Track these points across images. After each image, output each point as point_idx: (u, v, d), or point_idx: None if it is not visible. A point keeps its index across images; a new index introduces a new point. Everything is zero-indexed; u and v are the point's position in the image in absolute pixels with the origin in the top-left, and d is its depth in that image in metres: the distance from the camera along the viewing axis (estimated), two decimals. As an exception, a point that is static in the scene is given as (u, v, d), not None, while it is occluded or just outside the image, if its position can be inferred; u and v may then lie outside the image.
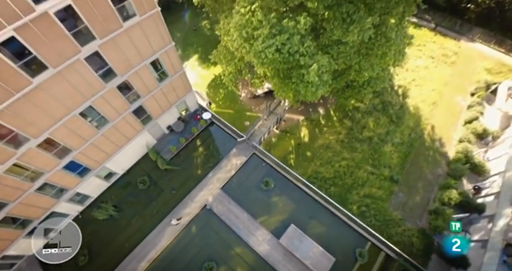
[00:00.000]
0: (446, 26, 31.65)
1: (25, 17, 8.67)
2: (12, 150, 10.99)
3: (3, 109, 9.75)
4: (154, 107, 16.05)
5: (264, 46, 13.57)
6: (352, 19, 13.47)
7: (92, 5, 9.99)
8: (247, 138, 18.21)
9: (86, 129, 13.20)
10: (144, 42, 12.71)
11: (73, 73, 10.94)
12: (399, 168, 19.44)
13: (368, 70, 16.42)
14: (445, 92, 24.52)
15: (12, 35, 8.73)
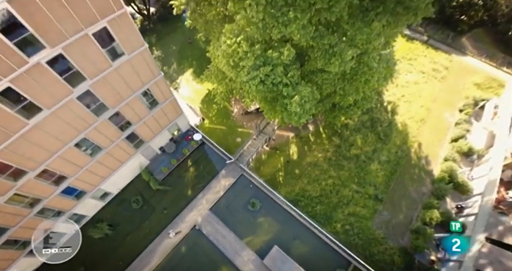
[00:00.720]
0: (439, 38, 31.99)
1: (19, 69, 9.53)
2: (12, 182, 11.95)
3: (2, 149, 10.68)
4: (146, 132, 16.93)
5: (248, 78, 14.30)
6: (334, 51, 14.13)
7: (81, 51, 10.81)
8: (236, 159, 19.03)
9: (81, 157, 14.12)
10: (134, 76, 13.54)
11: (66, 111, 11.82)
12: (384, 187, 20.11)
13: (353, 94, 17.05)
14: (433, 108, 25.00)
15: (9, 85, 9.60)
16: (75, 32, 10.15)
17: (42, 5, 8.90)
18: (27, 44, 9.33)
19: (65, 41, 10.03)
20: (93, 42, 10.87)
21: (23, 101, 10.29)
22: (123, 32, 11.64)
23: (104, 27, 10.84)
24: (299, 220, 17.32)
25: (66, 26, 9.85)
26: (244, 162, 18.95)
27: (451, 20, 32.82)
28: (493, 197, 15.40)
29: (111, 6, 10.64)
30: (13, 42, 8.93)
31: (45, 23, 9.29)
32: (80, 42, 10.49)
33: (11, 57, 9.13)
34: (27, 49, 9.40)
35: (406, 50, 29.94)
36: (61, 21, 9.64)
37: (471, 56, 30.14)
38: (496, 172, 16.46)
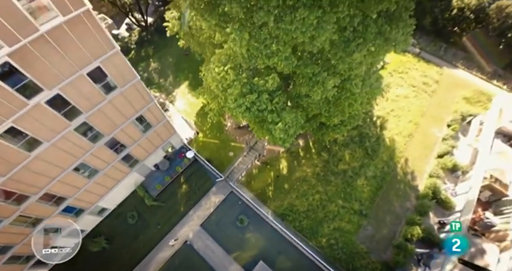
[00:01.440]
0: (431, 50, 32.55)
1: (21, 110, 10.58)
2: (16, 206, 13.10)
3: (7, 179, 11.79)
4: (141, 152, 18.01)
5: (234, 105, 15.24)
6: (316, 80, 14.98)
7: (77, 89, 11.84)
8: (226, 176, 20.06)
9: (79, 180, 15.24)
10: (127, 105, 14.57)
11: (65, 142, 12.90)
12: (369, 202, 21.01)
13: (338, 116, 17.86)
14: (422, 123, 25.71)
15: (12, 125, 10.66)
16: (70, 74, 11.19)
17: (39, 54, 9.92)
18: (27, 88, 10.38)
19: (61, 83, 11.08)
20: (88, 80, 11.91)
21: (25, 137, 11.39)
22: (116, 69, 12.65)
23: (98, 66, 11.86)
24: (284, 236, 18.33)
25: (62, 69, 10.88)
26: (234, 180, 19.98)
27: (443, 31, 33.39)
28: (469, 218, 16.23)
29: (103, 47, 11.64)
30: (14, 89, 9.99)
31: (42, 69, 10.34)
32: (76, 82, 11.53)
33: (12, 101, 10.21)
34: (27, 92, 10.47)
35: (397, 63, 30.56)
36: (57, 66, 10.68)
37: (462, 68, 30.73)
38: (474, 193, 17.27)
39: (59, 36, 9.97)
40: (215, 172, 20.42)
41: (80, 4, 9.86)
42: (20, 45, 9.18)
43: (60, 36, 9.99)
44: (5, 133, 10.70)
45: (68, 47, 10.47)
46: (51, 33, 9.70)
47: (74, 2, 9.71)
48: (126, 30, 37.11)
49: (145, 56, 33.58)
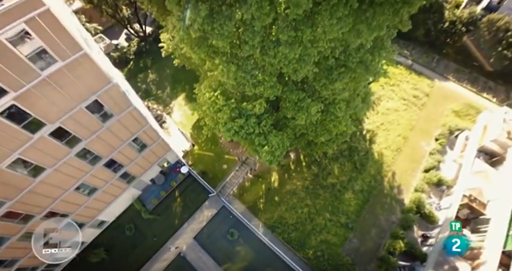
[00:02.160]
0: (423, 62, 33.22)
1: (26, 143, 11.76)
2: (22, 225, 14.37)
3: (14, 202, 13.02)
4: (138, 169, 19.22)
5: (223, 129, 16.32)
6: (301, 105, 15.98)
7: (77, 120, 12.98)
8: (219, 191, 21.23)
9: (80, 198, 16.48)
10: (124, 130, 15.72)
11: (66, 167, 14.09)
12: (356, 216, 22.05)
13: (324, 135, 18.81)
14: (410, 137, 26.58)
15: (18, 157, 11.84)
16: (70, 108, 12.33)
17: (41, 95, 11.07)
18: (31, 124, 11.54)
19: (62, 117, 12.22)
20: (87, 112, 13.04)
21: (30, 165, 12.58)
22: (112, 100, 13.78)
23: (95, 100, 12.97)
24: (272, 249, 19.48)
25: (63, 105, 12.03)
26: (226, 194, 21.14)
27: (436, 42, 33.99)
28: (446, 235, 17.19)
29: (100, 83, 12.75)
30: (20, 126, 11.14)
31: (45, 107, 11.50)
32: (75, 115, 12.67)
33: (19, 136, 11.39)
34: (32, 128, 11.63)
35: (389, 75, 31.26)
36: (58, 103, 11.83)
37: (453, 81, 31.41)
38: (453, 210, 18.21)
39: (59, 78, 11.10)
40: (208, 186, 21.57)
41: (77, 49, 10.95)
42: (25, 90, 10.32)
43: (60, 78, 11.12)
44: (12, 163, 11.90)
45: (68, 86, 11.61)
46: (52, 76, 10.82)
47: (71, 48, 10.81)
48: (125, 40, 38.21)
49: (144, 67, 34.63)
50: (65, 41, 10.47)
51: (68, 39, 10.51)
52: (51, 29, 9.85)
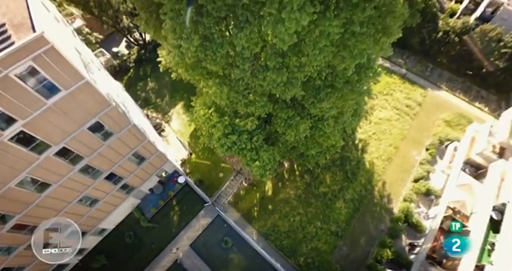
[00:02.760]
0: (417, 71, 33.94)
1: (33, 163, 12.82)
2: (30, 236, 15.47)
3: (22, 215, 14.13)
4: (137, 180, 20.30)
5: (217, 145, 17.32)
6: (290, 123, 16.91)
7: (80, 141, 14.02)
8: (214, 200, 22.29)
9: (82, 209, 17.60)
10: (123, 146, 16.76)
11: (70, 182, 15.19)
12: (346, 224, 23.02)
13: (315, 148, 19.76)
14: (402, 146, 27.42)
15: (26, 175, 12.93)
16: (74, 130, 13.39)
17: (47, 120, 12.10)
18: (38, 146, 12.60)
19: (66, 139, 13.27)
20: (89, 133, 14.08)
21: (37, 182, 13.67)
22: (112, 120, 14.81)
23: (96, 121, 14.00)
24: (263, 257, 20.53)
25: (66, 128, 13.09)
26: (221, 203, 22.19)
27: (430, 51, 34.63)
28: (428, 246, 18.11)
29: (100, 106, 13.77)
30: (28, 149, 12.20)
31: (50, 131, 12.55)
32: (78, 136, 13.71)
33: (26, 158, 12.48)
34: (38, 149, 12.69)
35: (383, 84, 32.02)
36: (62, 126, 12.88)
37: (446, 90, 32.11)
38: (436, 222, 19.11)
39: (63, 105, 12.13)
40: (204, 195, 22.63)
41: (79, 78, 11.97)
42: (32, 117, 11.37)
43: (64, 105, 12.15)
44: (21, 181, 12.99)
45: (71, 111, 12.64)
46: (57, 104, 11.86)
47: (74, 78, 11.83)
48: (125, 47, 39.23)
49: (144, 75, 35.59)
50: (67, 73, 11.49)
51: (71, 70, 11.52)
52: (56, 63, 10.87)
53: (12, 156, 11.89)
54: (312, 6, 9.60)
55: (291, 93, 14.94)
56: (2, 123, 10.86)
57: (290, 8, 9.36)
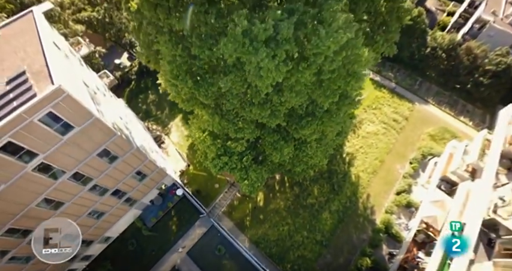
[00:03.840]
0: (406, 85, 35.70)
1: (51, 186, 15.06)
2: (44, 246, 17.83)
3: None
4: (139, 194, 22.60)
5: (211, 165, 19.49)
6: (275, 146, 18.99)
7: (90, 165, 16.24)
8: (209, 211, 24.56)
9: (90, 221, 19.97)
10: (127, 166, 19.02)
11: (80, 200, 17.50)
12: (330, 234, 25.21)
13: (300, 166, 21.83)
14: (387, 160, 29.40)
15: (45, 197, 15.20)
16: (85, 158, 15.63)
17: (63, 152, 14.31)
18: (55, 173, 14.83)
19: (78, 165, 15.51)
20: (97, 158, 16.29)
21: (53, 201, 15.95)
22: (117, 146, 17.05)
23: (104, 148, 16.20)
24: (254, 263, 22.82)
25: (79, 156, 15.34)
26: (215, 214, 24.45)
27: (420, 65, 36.29)
28: (401, 257, 20.19)
29: (107, 136, 15.96)
30: (47, 176, 14.45)
31: (65, 160, 14.82)
32: (88, 162, 15.92)
33: (45, 183, 14.76)
34: (55, 175, 14.93)
35: (373, 98, 33.92)
36: (75, 156, 15.14)
37: (432, 104, 33.87)
38: (411, 234, 21.16)
39: (76, 139, 14.35)
40: (200, 207, 24.93)
41: (89, 116, 14.17)
42: (51, 151, 13.58)
43: (77, 139, 14.37)
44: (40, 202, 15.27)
45: (83, 142, 14.87)
46: (71, 138, 14.07)
47: (85, 116, 14.04)
48: (127, 59, 41.33)
49: (145, 88, 37.75)
50: (80, 113, 13.68)
51: (82, 110, 13.70)
52: (70, 107, 13.05)
53: (34, 183, 14.17)
54: (285, 65, 11.62)
55: (275, 122, 17.01)
56: (26, 157, 13.13)
57: (266, 68, 11.38)
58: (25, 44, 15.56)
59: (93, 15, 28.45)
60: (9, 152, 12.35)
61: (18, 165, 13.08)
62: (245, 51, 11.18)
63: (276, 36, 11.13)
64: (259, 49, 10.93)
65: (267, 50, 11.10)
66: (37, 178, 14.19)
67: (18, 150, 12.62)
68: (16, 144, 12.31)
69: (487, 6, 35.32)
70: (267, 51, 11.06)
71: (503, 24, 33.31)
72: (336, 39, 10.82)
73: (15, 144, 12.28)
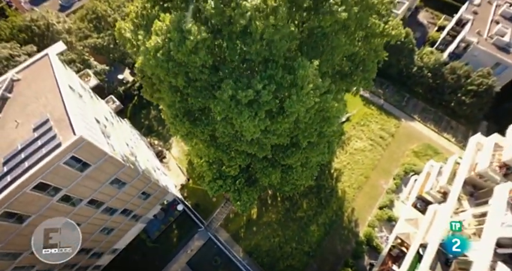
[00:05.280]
0: (394, 101, 38.21)
1: (70, 212, 18.02)
2: (63, 259, 20.94)
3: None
4: (143, 211, 25.64)
5: (207, 188, 22.37)
6: (264, 172, 21.79)
7: (102, 192, 19.13)
8: (207, 225, 27.58)
9: (102, 237, 23.00)
10: (134, 190, 22.01)
11: (94, 220, 20.46)
12: (317, 245, 28.18)
13: (288, 185, 24.66)
14: (372, 175, 32.13)
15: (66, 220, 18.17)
16: (99, 187, 18.50)
17: (81, 185, 17.22)
18: (74, 201, 17.78)
19: (94, 193, 18.43)
20: (109, 186, 19.20)
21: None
22: (126, 175, 19.99)
23: (115, 178, 19.09)
24: (247, 273, 26.06)
25: (94, 186, 18.21)
26: (212, 228, 27.46)
27: (408, 82, 38.65)
28: (377, 269, 23.04)
29: (118, 168, 18.81)
30: (68, 204, 17.39)
31: (83, 190, 17.75)
32: (102, 189, 18.83)
33: (66, 210, 17.71)
34: (75, 203, 17.88)
35: (361, 115, 36.48)
36: (91, 186, 18.04)
37: (418, 121, 36.35)
38: (386, 249, 23.98)
39: (92, 173, 17.25)
40: (198, 220, 27.97)
41: (103, 155, 17.01)
42: (72, 186, 16.48)
43: (93, 173, 17.28)
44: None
45: (98, 175, 17.81)
46: (88, 174, 16.94)
47: (100, 155, 16.88)
48: (130, 74, 44.06)
49: (147, 103, 40.35)
50: (96, 153, 16.57)
51: (98, 151, 16.57)
52: (88, 150, 15.91)
53: (57, 211, 17.12)
54: (264, 123, 14.31)
55: (263, 154, 19.79)
56: (52, 192, 16.08)
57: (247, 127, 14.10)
58: (45, 89, 18.38)
59: (98, 42, 31.04)
60: (40, 189, 15.30)
61: (46, 199, 16.09)
62: (231, 112, 13.92)
63: (258, 99, 13.82)
64: (243, 111, 13.64)
65: (250, 110, 13.82)
66: (60, 207, 17.16)
67: (47, 187, 15.57)
68: (45, 183, 15.24)
69: (473, 26, 37.47)
70: (250, 112, 13.78)
71: (486, 45, 35.45)
72: (305, 104, 13.51)
73: (45, 183, 15.21)
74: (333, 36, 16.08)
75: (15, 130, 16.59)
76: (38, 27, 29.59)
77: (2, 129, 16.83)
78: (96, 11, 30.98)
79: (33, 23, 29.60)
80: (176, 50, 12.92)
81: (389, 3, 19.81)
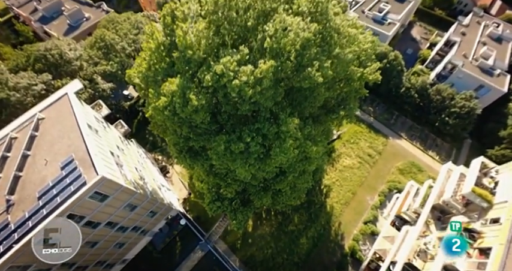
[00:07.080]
0: (383, 119, 41.40)
1: (92, 233, 21.79)
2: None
3: (82, 261, 23.37)
4: (150, 226, 29.40)
5: (207, 208, 26.02)
6: (257, 195, 25.37)
7: (118, 215, 22.81)
8: (207, 238, 31.37)
9: (115, 251, 26.83)
10: (143, 210, 25.64)
11: (110, 237, 24.17)
12: (306, 257, 31.91)
13: (279, 204, 28.24)
14: (359, 192, 35.61)
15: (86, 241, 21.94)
16: (114, 211, 22.17)
17: (101, 212, 20.88)
18: (95, 225, 21.47)
19: (110, 217, 22.10)
20: (123, 210, 22.86)
21: (90, 243, 22.71)
22: (137, 199, 23.59)
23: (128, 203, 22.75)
24: (242, 282, 29.90)
25: (111, 212, 21.84)
26: (212, 241, 31.23)
27: (397, 101, 41.68)
28: (356, 279, 26.74)
29: (131, 195, 22.42)
30: (90, 228, 21.07)
31: (102, 216, 21.44)
32: (117, 213, 22.49)
33: (88, 232, 21.37)
34: (95, 226, 21.56)
35: (352, 133, 39.75)
36: (109, 212, 21.67)
37: (405, 139, 39.52)
38: (365, 262, 27.59)
39: (110, 202, 20.94)
40: (199, 234, 31.77)
41: (119, 187, 20.61)
42: (93, 213, 20.16)
43: (111, 202, 20.91)
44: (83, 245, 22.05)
45: (115, 203, 21.55)
46: (107, 203, 20.56)
47: (116, 188, 20.48)
48: (134, 89, 47.41)
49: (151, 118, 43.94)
50: (114, 186, 20.19)
51: (116, 185, 20.15)
52: (108, 185, 19.51)
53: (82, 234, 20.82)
54: (253, 167, 17.74)
55: (255, 183, 23.32)
56: (77, 219, 19.72)
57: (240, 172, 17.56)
58: (67, 129, 21.94)
59: (107, 69, 34.35)
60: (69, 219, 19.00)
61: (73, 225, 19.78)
62: (226, 159, 17.38)
63: (248, 149, 17.23)
64: (236, 159, 17.10)
65: (241, 157, 17.25)
66: (83, 230, 20.84)
67: (74, 216, 19.24)
68: (73, 214, 18.91)
69: (460, 48, 40.29)
70: (241, 159, 17.21)
71: (471, 68, 38.32)
72: (286, 155, 16.92)
73: (73, 214, 18.88)
74: (313, 88, 19.35)
75: (45, 167, 20.25)
76: (52, 56, 32.97)
77: (35, 165, 20.47)
78: (104, 39, 34.18)
79: (48, 52, 32.96)
80: (180, 110, 16.36)
81: (372, 49, 22.85)
